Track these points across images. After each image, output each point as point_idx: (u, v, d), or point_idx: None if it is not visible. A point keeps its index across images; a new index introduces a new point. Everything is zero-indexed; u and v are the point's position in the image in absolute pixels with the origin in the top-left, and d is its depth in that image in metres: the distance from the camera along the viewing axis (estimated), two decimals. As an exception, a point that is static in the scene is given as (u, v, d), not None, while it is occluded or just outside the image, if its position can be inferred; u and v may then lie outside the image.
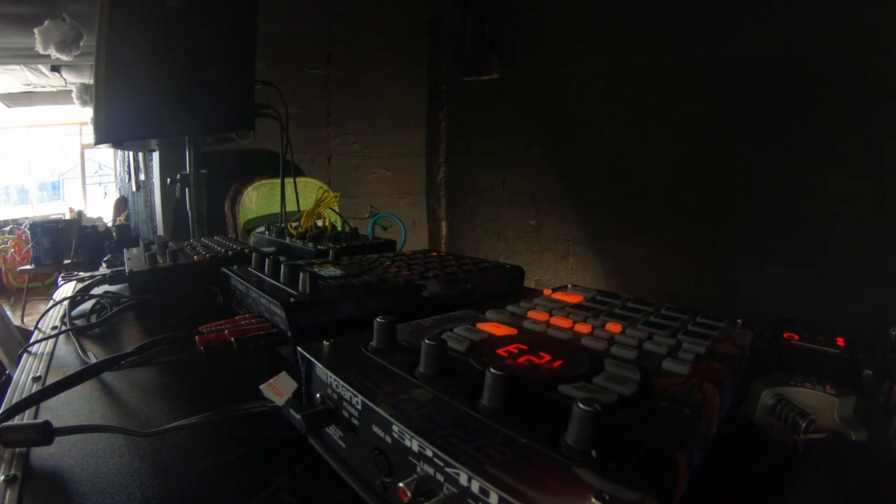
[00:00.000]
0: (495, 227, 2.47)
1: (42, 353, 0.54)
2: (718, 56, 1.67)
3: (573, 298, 0.51)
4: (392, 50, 2.39)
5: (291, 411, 0.32)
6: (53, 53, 1.82)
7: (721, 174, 1.73)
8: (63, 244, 3.24)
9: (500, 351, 0.35)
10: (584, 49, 2.03)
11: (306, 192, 1.28)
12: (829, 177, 1.49)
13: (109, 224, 3.88)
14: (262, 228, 1.03)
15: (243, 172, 1.48)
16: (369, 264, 0.66)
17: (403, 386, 0.30)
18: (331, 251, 0.69)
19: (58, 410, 0.40)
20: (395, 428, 0.26)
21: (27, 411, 0.39)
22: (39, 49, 1.81)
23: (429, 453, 0.24)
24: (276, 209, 1.27)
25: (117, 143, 1.05)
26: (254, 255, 0.63)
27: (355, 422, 0.30)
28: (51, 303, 0.75)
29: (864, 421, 0.35)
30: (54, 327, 0.62)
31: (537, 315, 0.44)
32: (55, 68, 2.86)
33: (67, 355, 0.54)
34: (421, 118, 2.61)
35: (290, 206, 1.15)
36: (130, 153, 3.06)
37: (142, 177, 2.85)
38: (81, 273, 0.92)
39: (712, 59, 1.69)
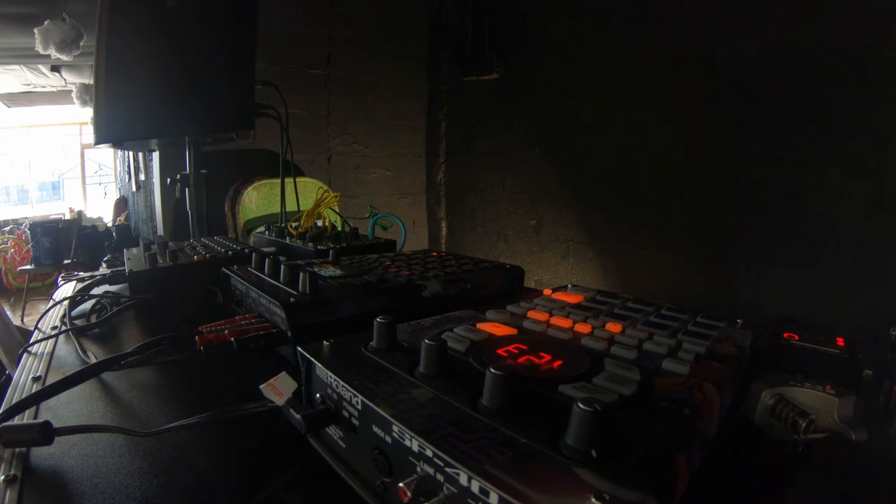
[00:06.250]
0: (495, 227, 2.47)
1: (42, 353, 0.54)
2: (718, 56, 1.68)
3: (573, 298, 0.51)
4: (392, 50, 2.39)
5: (291, 411, 0.32)
6: (53, 53, 1.82)
7: (721, 174, 1.73)
8: (63, 244, 3.24)
9: (500, 351, 0.35)
10: (584, 49, 2.03)
11: (306, 192, 1.28)
12: (829, 177, 1.49)
13: (109, 224, 3.88)
14: (262, 228, 1.03)
15: (243, 172, 1.48)
16: (369, 264, 0.66)
17: (403, 386, 0.30)
18: (331, 251, 0.69)
19: (58, 410, 0.40)
20: (395, 428, 0.26)
21: (27, 411, 0.39)
22: (39, 49, 1.81)
23: (429, 453, 0.24)
24: (276, 209, 1.27)
25: (117, 143, 1.05)
26: (254, 255, 0.63)
27: (355, 422, 0.30)
28: (51, 303, 0.75)
29: (864, 421, 0.35)
30: (54, 327, 0.62)
31: (537, 315, 0.44)
32: (55, 68, 2.86)
33: (67, 355, 0.54)
34: (421, 118, 2.61)
35: (290, 206, 1.15)
36: (130, 153, 3.06)
37: (142, 177, 2.85)
38: (81, 273, 0.92)
39: (712, 59, 1.69)
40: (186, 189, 1.03)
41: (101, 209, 5.26)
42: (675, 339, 0.39)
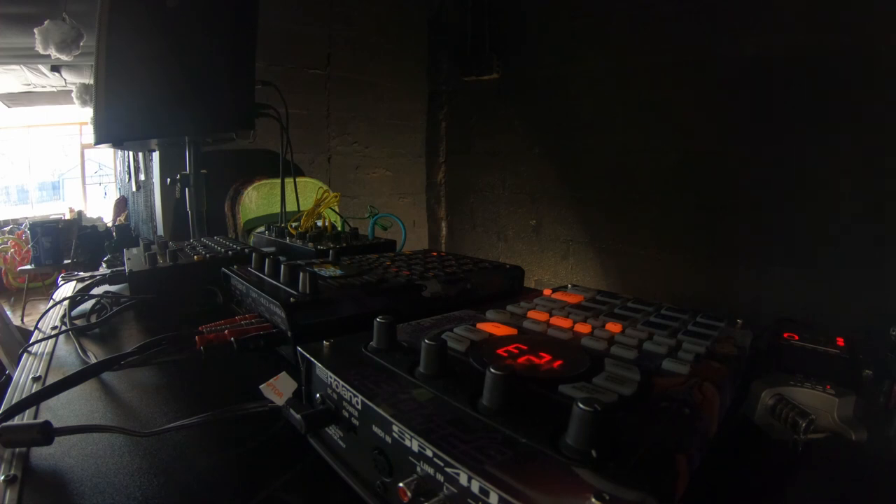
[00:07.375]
0: (495, 227, 2.47)
1: (42, 353, 0.54)
2: (718, 56, 1.67)
3: (573, 298, 0.51)
4: (392, 50, 2.39)
5: (291, 411, 0.32)
6: (53, 53, 1.82)
7: (721, 174, 1.73)
8: (63, 244, 3.24)
9: (500, 351, 0.35)
10: (584, 49, 2.03)
11: (306, 192, 1.28)
12: (829, 177, 1.49)
13: (109, 224, 3.88)
14: (262, 228, 1.03)
15: (243, 172, 1.48)
16: (369, 264, 0.66)
17: (403, 386, 0.30)
18: (331, 251, 0.69)
19: (58, 410, 0.40)
20: (395, 428, 0.26)
21: (27, 411, 0.39)
22: (39, 49, 1.81)
23: (429, 453, 0.24)
24: (276, 209, 1.27)
25: (117, 143, 1.05)
26: (254, 255, 0.63)
27: (355, 422, 0.30)
28: (51, 303, 0.75)
29: (864, 421, 0.35)
30: (54, 327, 0.62)
31: (537, 315, 0.44)
32: (55, 68, 2.86)
33: (67, 355, 0.54)
34: (421, 118, 2.61)
35: (290, 206, 1.15)
36: (130, 153, 3.06)
37: (142, 177, 2.85)
38: (81, 273, 0.92)
39: (712, 59, 1.69)
40: (186, 189, 1.03)
41: (101, 209, 5.26)
42: (675, 339, 0.39)
